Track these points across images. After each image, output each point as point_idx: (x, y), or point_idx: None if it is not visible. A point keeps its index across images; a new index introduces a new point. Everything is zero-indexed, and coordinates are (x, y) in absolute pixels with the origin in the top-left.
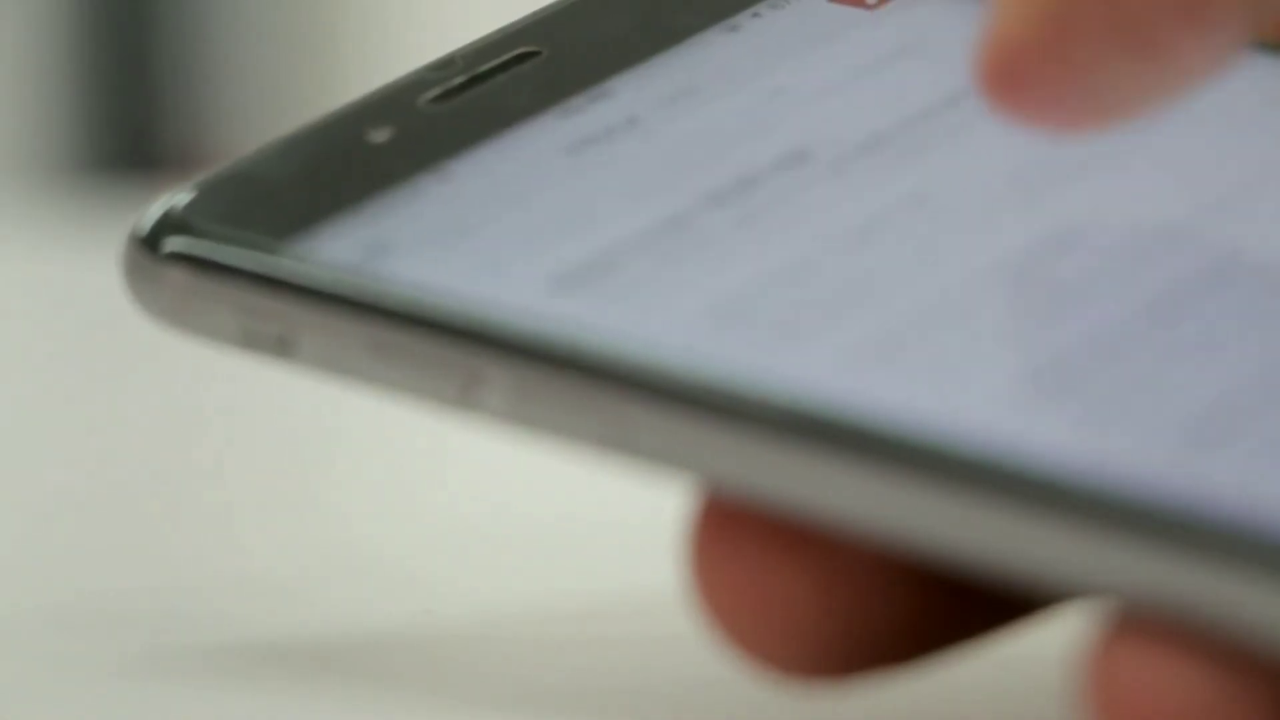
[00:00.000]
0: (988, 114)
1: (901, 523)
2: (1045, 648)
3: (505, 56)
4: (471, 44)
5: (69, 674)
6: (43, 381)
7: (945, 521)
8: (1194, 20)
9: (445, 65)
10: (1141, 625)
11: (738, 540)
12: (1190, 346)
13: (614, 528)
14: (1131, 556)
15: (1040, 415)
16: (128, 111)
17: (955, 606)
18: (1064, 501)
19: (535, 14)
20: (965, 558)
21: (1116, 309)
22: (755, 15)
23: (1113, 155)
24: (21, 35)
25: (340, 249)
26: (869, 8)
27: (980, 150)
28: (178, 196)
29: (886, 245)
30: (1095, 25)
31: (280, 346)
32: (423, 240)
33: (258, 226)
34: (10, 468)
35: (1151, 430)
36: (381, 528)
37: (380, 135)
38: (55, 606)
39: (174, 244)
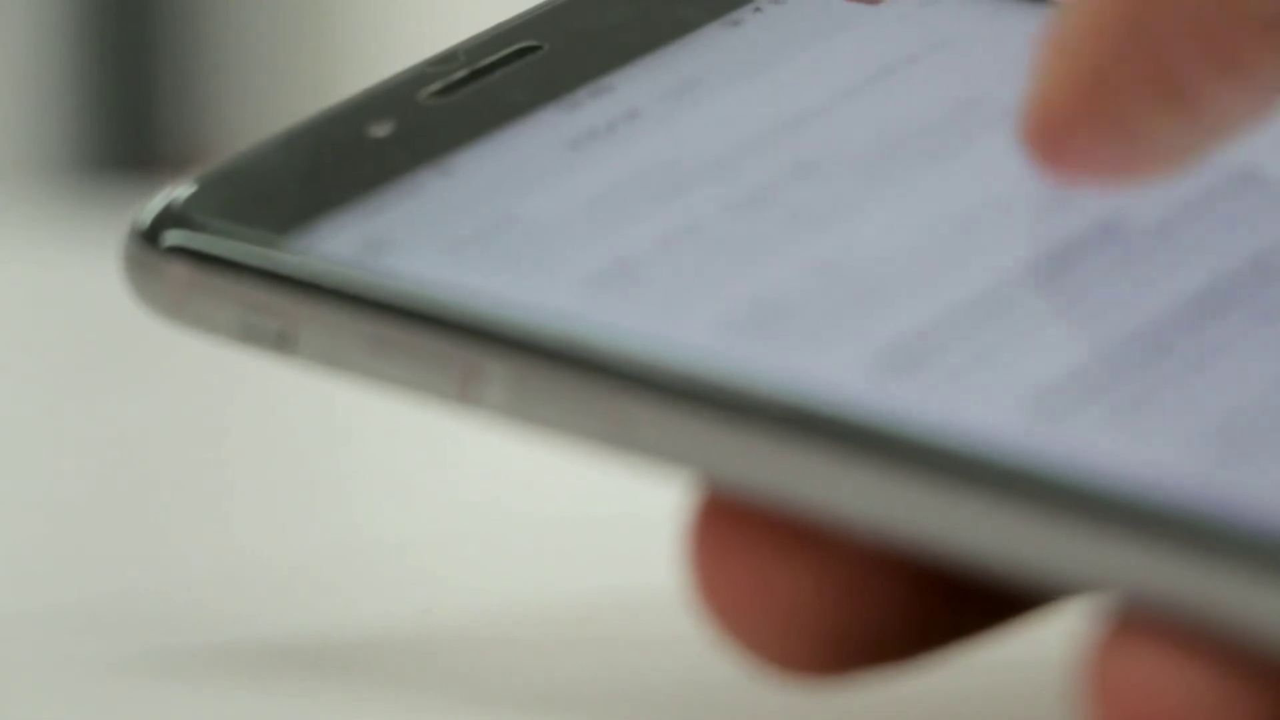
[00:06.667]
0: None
1: (902, 519)
2: (1045, 646)
3: (507, 51)
4: (473, 38)
5: (69, 674)
6: (42, 381)
7: (946, 518)
8: (1229, 70)
9: (447, 60)
10: (1142, 624)
11: (737, 537)
12: (1185, 345)
13: (612, 524)
14: (1131, 554)
15: (1039, 414)
16: (128, 111)
17: (955, 603)
18: (1064, 499)
19: (537, 8)
20: (965, 554)
21: (1108, 310)
22: (757, 10)
23: None
24: (21, 35)
25: (340, 243)
26: (873, 3)
27: (989, 145)
28: (178, 190)
29: (890, 242)
30: (1133, 80)
31: (280, 341)
32: (423, 235)
33: (258, 221)
34: (10, 468)
35: (1151, 428)
36: (381, 528)
37: (381, 130)
38: (55, 606)
39: (174, 238)
